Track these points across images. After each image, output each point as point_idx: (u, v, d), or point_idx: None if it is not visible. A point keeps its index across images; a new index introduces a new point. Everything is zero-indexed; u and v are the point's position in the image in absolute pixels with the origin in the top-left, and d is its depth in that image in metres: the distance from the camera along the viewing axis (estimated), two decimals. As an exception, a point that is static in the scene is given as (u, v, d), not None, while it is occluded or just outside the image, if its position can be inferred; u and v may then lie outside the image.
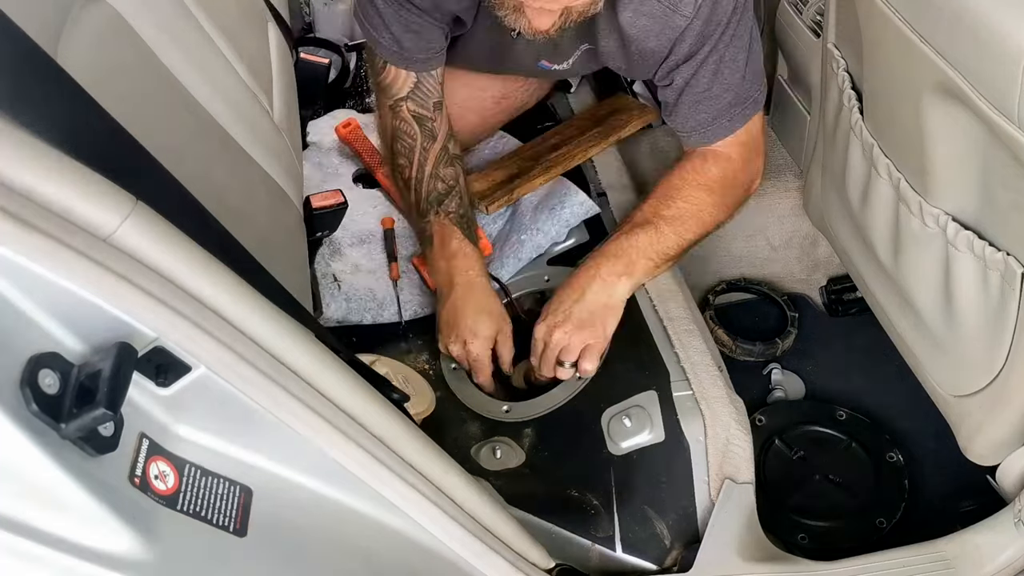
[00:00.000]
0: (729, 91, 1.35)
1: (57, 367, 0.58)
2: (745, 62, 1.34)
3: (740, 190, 1.42)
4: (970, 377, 1.15)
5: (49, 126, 0.62)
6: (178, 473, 0.65)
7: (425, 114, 1.46)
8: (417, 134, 1.46)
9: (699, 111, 1.36)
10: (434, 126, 1.47)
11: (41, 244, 0.58)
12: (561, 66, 1.49)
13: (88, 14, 0.87)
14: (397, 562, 0.82)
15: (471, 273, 1.39)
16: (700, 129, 1.38)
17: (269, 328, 0.72)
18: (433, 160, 1.46)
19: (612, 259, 1.33)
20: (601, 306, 1.31)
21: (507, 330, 1.37)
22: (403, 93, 1.46)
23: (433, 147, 1.46)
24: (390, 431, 0.81)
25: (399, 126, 1.47)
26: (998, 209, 1.03)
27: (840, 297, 1.68)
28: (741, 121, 1.37)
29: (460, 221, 1.43)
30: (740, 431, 1.22)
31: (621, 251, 1.34)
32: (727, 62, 1.33)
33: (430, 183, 1.45)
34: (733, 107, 1.36)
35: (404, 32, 1.39)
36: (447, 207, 1.44)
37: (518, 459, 1.27)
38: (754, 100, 1.38)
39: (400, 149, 1.47)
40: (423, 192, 1.45)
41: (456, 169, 1.47)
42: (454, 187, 1.46)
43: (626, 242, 1.34)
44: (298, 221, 1.34)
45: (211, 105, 1.11)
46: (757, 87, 1.38)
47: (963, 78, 0.96)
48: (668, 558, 1.17)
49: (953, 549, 1.17)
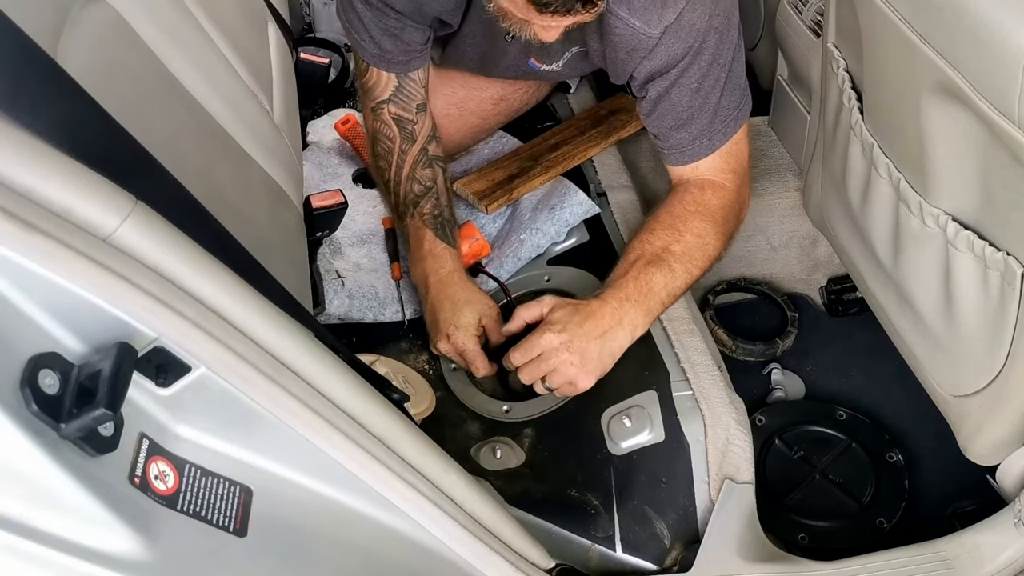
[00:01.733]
0: (707, 110, 1.34)
1: (57, 367, 0.58)
2: (724, 81, 1.33)
3: (735, 220, 1.41)
4: (970, 377, 1.15)
5: (49, 126, 0.62)
6: (178, 473, 0.65)
7: (406, 116, 1.47)
8: (396, 136, 1.47)
9: (680, 131, 1.36)
10: (414, 128, 1.48)
11: (41, 244, 0.58)
12: (551, 67, 1.49)
13: (88, 14, 0.87)
14: (397, 562, 0.82)
15: (443, 271, 1.39)
16: (680, 147, 1.37)
17: (269, 328, 0.72)
18: (411, 162, 1.46)
19: (635, 305, 1.27)
20: (609, 355, 1.26)
21: (492, 314, 1.35)
22: (384, 96, 1.47)
23: (412, 149, 1.47)
24: (390, 431, 0.81)
25: (380, 128, 1.48)
26: (998, 209, 1.03)
27: (840, 297, 1.68)
28: (721, 140, 1.37)
29: (434, 223, 1.43)
30: (740, 431, 1.22)
31: (641, 295, 1.28)
32: (707, 82, 1.32)
33: (407, 185, 1.46)
34: (712, 125, 1.35)
35: (383, 35, 1.40)
36: (422, 209, 1.44)
37: (518, 459, 1.27)
38: (733, 118, 1.37)
39: (380, 152, 1.49)
40: (401, 194, 1.46)
41: (434, 171, 1.48)
42: (431, 188, 1.46)
43: (645, 284, 1.29)
44: (298, 221, 1.34)
45: (211, 105, 1.11)
46: (736, 104, 1.37)
47: (963, 78, 0.96)
48: (668, 558, 1.17)
49: (953, 549, 1.17)
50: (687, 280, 1.33)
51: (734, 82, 1.35)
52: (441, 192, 1.47)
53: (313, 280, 1.42)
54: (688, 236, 1.33)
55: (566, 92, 1.79)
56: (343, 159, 1.67)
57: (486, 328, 1.35)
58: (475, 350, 1.34)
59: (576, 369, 1.23)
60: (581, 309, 1.26)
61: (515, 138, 1.68)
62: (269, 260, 0.86)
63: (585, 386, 1.25)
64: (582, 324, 1.24)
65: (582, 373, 1.24)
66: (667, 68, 1.31)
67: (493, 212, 1.54)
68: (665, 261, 1.31)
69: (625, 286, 1.28)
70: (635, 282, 1.29)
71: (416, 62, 1.45)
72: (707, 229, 1.34)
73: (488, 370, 1.35)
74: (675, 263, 1.31)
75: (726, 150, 1.38)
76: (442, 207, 1.46)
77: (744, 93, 1.39)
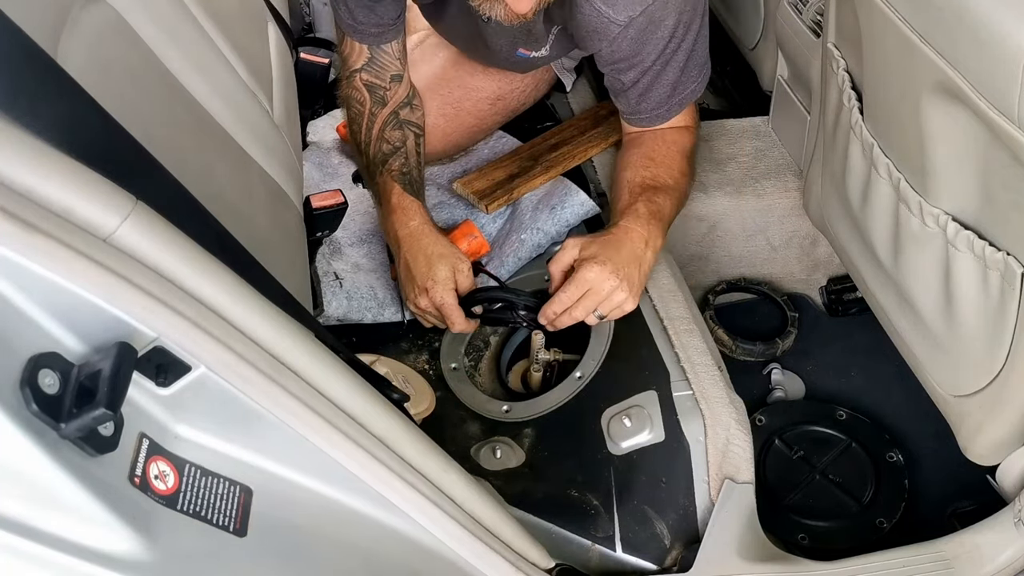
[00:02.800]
0: (668, 87, 1.41)
1: (57, 367, 0.58)
2: (685, 62, 1.40)
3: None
4: (970, 377, 1.15)
5: (49, 126, 0.62)
6: (178, 473, 0.65)
7: (378, 83, 1.49)
8: (367, 100, 1.49)
9: (641, 102, 1.43)
10: (385, 94, 1.50)
11: (41, 244, 0.58)
12: (539, 52, 1.51)
13: (88, 14, 0.87)
14: (397, 562, 0.82)
15: (412, 224, 1.40)
16: (640, 115, 1.45)
17: (269, 328, 0.72)
18: (380, 124, 1.48)
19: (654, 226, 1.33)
20: (646, 275, 1.32)
21: (464, 268, 1.36)
22: (357, 65, 1.49)
23: (382, 112, 1.49)
24: (390, 431, 0.81)
25: (351, 94, 1.50)
26: (998, 209, 1.03)
27: (840, 297, 1.68)
28: (677, 110, 1.45)
29: (402, 179, 1.44)
30: (740, 431, 1.22)
31: (654, 217, 1.34)
32: (671, 65, 1.39)
33: (376, 145, 1.48)
34: (671, 99, 1.43)
35: (357, 6, 1.42)
36: (390, 166, 1.46)
37: (518, 459, 1.27)
38: (691, 91, 1.45)
39: (353, 115, 1.51)
40: (371, 154, 1.48)
41: (404, 133, 1.50)
42: (399, 148, 1.48)
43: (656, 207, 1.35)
44: (298, 221, 1.34)
45: (211, 105, 1.11)
46: (694, 79, 1.44)
47: (963, 78, 0.96)
48: (668, 558, 1.17)
49: (953, 549, 1.17)
50: (677, 211, 1.42)
51: (695, 60, 1.42)
52: (411, 153, 1.49)
53: (312, 282, 1.42)
54: (676, 172, 1.43)
55: (565, 92, 1.79)
56: (343, 159, 1.67)
57: (457, 282, 1.36)
58: (453, 304, 1.35)
59: (625, 294, 1.28)
60: (612, 240, 1.31)
61: (515, 138, 1.69)
62: (269, 260, 0.86)
63: (632, 307, 1.30)
64: (619, 251, 1.29)
65: (631, 296, 1.29)
66: (630, 57, 1.37)
67: (493, 212, 1.54)
68: (664, 190, 1.39)
69: (639, 210, 1.34)
70: (647, 206, 1.35)
71: (388, 35, 1.47)
72: (686, 168, 1.45)
73: (464, 326, 1.36)
74: (672, 193, 1.40)
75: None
76: (411, 166, 1.47)
77: (702, 69, 1.45)
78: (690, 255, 1.66)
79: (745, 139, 1.71)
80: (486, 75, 1.63)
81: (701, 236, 1.65)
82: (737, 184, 1.63)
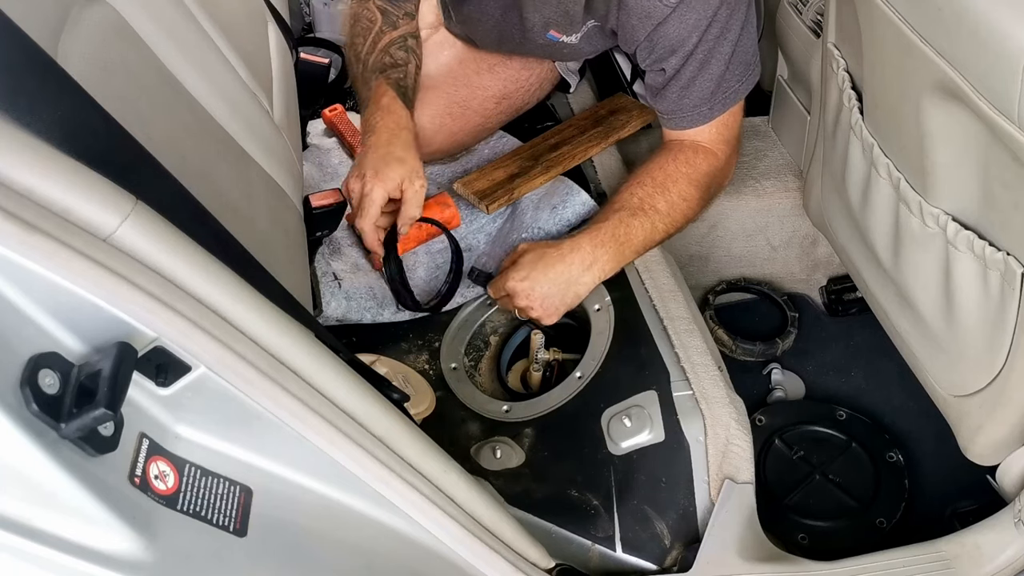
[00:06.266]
0: (712, 81, 1.38)
1: (57, 367, 0.58)
2: (731, 54, 1.37)
3: (718, 189, 1.47)
4: (970, 377, 1.15)
5: (49, 126, 0.62)
6: (178, 473, 0.65)
7: (392, 11, 1.48)
8: (378, 20, 1.47)
9: (684, 97, 1.40)
10: (397, 20, 1.49)
11: (41, 244, 0.58)
12: (569, 39, 1.49)
13: (88, 14, 0.87)
14: (397, 562, 0.82)
15: (392, 125, 1.37)
16: (680, 113, 1.42)
17: (269, 328, 0.72)
18: (387, 41, 1.47)
19: (608, 251, 1.34)
20: (573, 297, 1.34)
21: (416, 185, 1.33)
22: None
23: (391, 33, 1.48)
24: (390, 431, 0.81)
25: (362, 12, 1.49)
26: (998, 209, 1.03)
27: (840, 297, 1.68)
28: (720, 109, 1.41)
29: (398, 88, 1.42)
30: (740, 431, 1.22)
31: (618, 243, 1.35)
32: (715, 55, 1.36)
33: (379, 56, 1.46)
34: (714, 96, 1.39)
35: None
36: (388, 75, 1.44)
37: (518, 459, 1.27)
38: (734, 91, 1.41)
39: (359, 31, 1.49)
40: (370, 64, 1.46)
41: (408, 56, 1.48)
42: (401, 67, 1.46)
43: (624, 233, 1.35)
44: (298, 220, 1.34)
45: (211, 105, 1.11)
46: (738, 77, 1.40)
47: (963, 78, 0.96)
48: (668, 558, 1.17)
49: (953, 549, 1.17)
50: (664, 236, 1.40)
51: (740, 56, 1.38)
52: (410, 75, 1.47)
53: (311, 282, 1.42)
54: (675, 196, 1.39)
55: (566, 92, 1.79)
56: (343, 159, 1.67)
57: (403, 193, 1.33)
58: (377, 204, 1.31)
59: (537, 312, 1.33)
60: (549, 254, 1.33)
61: (515, 138, 1.69)
62: (269, 260, 0.86)
63: (548, 323, 1.35)
64: (547, 271, 1.32)
65: (543, 315, 1.34)
66: (675, 42, 1.34)
67: (494, 212, 1.53)
68: (648, 216, 1.37)
69: (604, 232, 1.35)
70: (614, 230, 1.35)
71: None
72: (692, 194, 1.40)
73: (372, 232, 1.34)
74: (657, 220, 1.37)
75: (722, 121, 1.42)
76: (408, 85, 1.45)
77: (748, 68, 1.41)
78: (690, 255, 1.67)
79: (745, 139, 1.71)
80: (491, 74, 1.63)
81: (701, 236, 1.66)
82: (737, 184, 1.62)
